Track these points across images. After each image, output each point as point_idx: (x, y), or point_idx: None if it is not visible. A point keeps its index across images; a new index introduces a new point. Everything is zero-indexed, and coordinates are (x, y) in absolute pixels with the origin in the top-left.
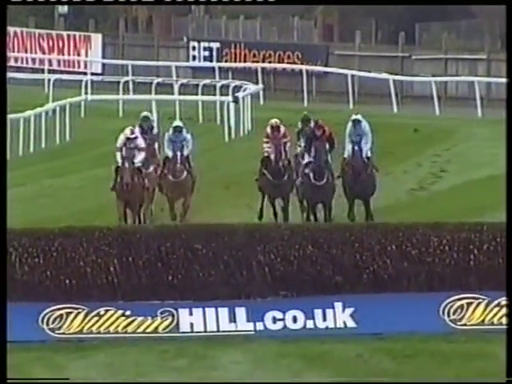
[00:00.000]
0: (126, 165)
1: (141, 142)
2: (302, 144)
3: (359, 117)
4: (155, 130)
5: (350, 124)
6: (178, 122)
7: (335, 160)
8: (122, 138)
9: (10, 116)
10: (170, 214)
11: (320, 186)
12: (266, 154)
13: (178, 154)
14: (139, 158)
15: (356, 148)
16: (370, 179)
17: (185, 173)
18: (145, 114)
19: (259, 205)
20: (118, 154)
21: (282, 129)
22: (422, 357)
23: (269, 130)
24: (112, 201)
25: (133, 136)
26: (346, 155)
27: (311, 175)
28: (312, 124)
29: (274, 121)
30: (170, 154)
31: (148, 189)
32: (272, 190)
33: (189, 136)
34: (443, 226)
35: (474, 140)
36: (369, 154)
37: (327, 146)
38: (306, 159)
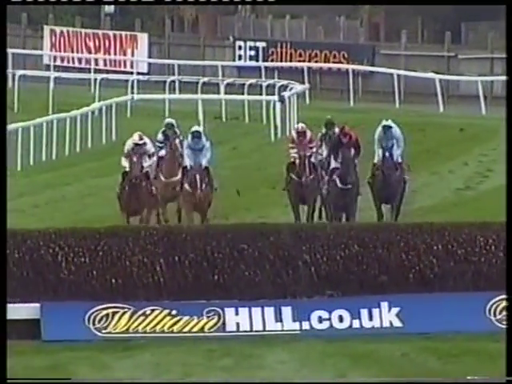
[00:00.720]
0: (134, 170)
1: (150, 148)
2: (325, 151)
3: (390, 123)
4: (179, 135)
5: (379, 129)
6: (196, 127)
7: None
8: (129, 144)
9: (56, 116)
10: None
11: (346, 190)
12: (291, 160)
13: (197, 164)
14: (148, 163)
15: (387, 154)
16: (400, 185)
17: (203, 185)
18: (169, 120)
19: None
20: (124, 160)
21: (309, 134)
22: (468, 356)
23: (294, 134)
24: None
25: (141, 142)
26: (376, 160)
27: (338, 181)
28: (337, 130)
29: (300, 125)
30: (188, 163)
31: (155, 196)
32: (298, 196)
33: (208, 144)
34: (489, 225)
35: None
36: (399, 160)
37: (353, 151)
38: (333, 165)
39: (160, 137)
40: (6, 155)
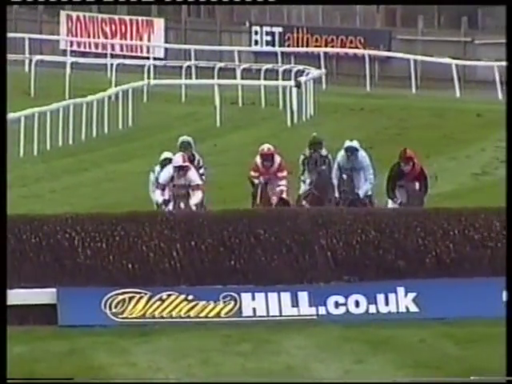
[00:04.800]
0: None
1: (195, 177)
2: (308, 179)
3: (355, 144)
4: (198, 159)
5: (341, 153)
6: (167, 154)
7: None
8: (168, 171)
9: (72, 101)
10: None
11: None
12: (253, 191)
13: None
14: (196, 198)
15: (344, 186)
16: None
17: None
18: (184, 138)
19: None
20: (159, 193)
21: (278, 159)
22: (486, 342)
23: (258, 159)
24: None
25: (185, 164)
26: (336, 194)
27: None
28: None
29: (265, 147)
30: (156, 198)
31: None
32: None
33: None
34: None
35: None
36: (365, 196)
37: (417, 186)
38: (390, 204)
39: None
40: (6, 145)
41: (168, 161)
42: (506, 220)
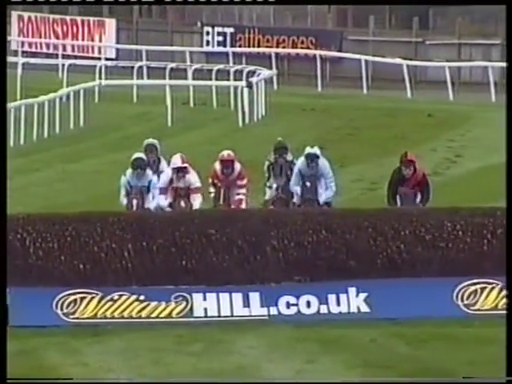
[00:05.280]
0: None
1: (195, 179)
2: (274, 184)
3: (316, 150)
4: (163, 164)
5: (301, 159)
6: (139, 154)
7: None
8: (167, 174)
9: (24, 101)
10: None
11: None
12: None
13: (135, 203)
14: (197, 202)
15: (305, 193)
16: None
17: None
18: (149, 141)
19: None
20: (162, 198)
21: (238, 167)
22: (437, 341)
23: (218, 166)
24: None
25: (183, 165)
26: (295, 199)
27: None
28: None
29: (225, 153)
30: (124, 201)
31: None
32: None
33: (155, 179)
34: (457, 211)
35: (489, 125)
36: (329, 200)
37: (419, 195)
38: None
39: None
40: (6, 144)
41: (140, 161)
42: (506, 220)
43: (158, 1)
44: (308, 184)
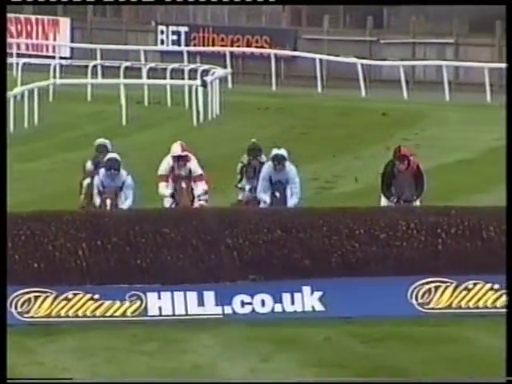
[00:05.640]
0: (182, 201)
1: (196, 167)
2: (247, 185)
3: (283, 152)
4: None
5: (268, 163)
6: (112, 154)
7: None
8: (167, 162)
9: None
10: None
11: None
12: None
13: (108, 203)
14: (200, 189)
15: (277, 194)
16: None
17: None
18: (100, 141)
19: None
20: (163, 185)
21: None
22: (391, 340)
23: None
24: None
25: (184, 154)
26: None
27: None
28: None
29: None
30: (97, 201)
31: None
32: None
33: (129, 180)
34: (411, 210)
35: (444, 124)
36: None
37: (414, 187)
38: (384, 203)
39: (90, 166)
40: (6, 143)
41: (114, 161)
42: (506, 220)
43: (158, 1)
44: (278, 194)
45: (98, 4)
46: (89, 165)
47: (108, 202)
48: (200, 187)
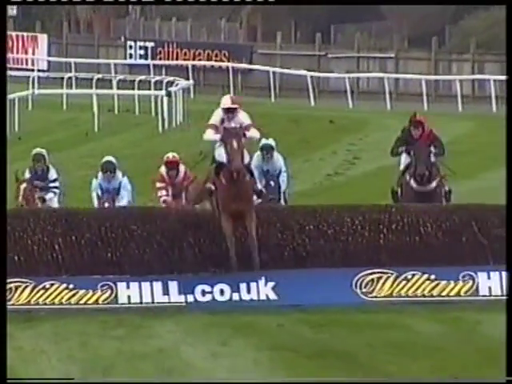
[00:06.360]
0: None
1: (246, 118)
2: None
3: (271, 142)
4: (52, 174)
5: (257, 153)
6: (108, 157)
7: None
8: (218, 113)
9: None
10: None
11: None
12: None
13: (106, 206)
14: (254, 134)
15: (272, 183)
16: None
17: None
18: (37, 150)
19: None
20: (211, 132)
21: (182, 168)
22: (338, 326)
23: (163, 169)
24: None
25: (234, 106)
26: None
27: (413, 183)
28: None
29: (170, 155)
30: (95, 204)
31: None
32: None
33: (125, 180)
34: (356, 207)
35: (385, 130)
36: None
37: (433, 149)
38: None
39: (27, 174)
40: (6, 143)
41: (109, 164)
42: (506, 219)
43: (158, 1)
44: (272, 183)
45: (98, 4)
46: (26, 173)
47: (106, 205)
48: (254, 134)
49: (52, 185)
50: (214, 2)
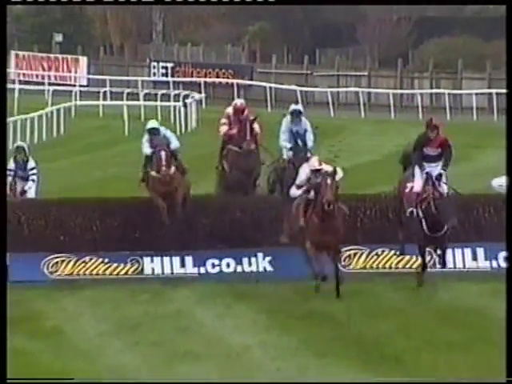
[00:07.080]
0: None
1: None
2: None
3: (300, 107)
4: (31, 164)
5: (287, 117)
6: (153, 123)
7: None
8: (305, 172)
9: (19, 117)
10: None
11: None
12: (221, 133)
13: (162, 151)
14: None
15: (300, 142)
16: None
17: (172, 168)
18: (19, 143)
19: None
20: (295, 190)
21: (246, 112)
22: (322, 293)
23: (230, 110)
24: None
25: (320, 168)
26: (285, 155)
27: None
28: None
29: (238, 101)
30: (148, 151)
31: None
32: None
33: (168, 132)
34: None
35: (359, 134)
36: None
37: (442, 159)
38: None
39: (12, 164)
40: (6, 144)
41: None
42: (506, 217)
43: (158, 1)
44: (300, 142)
45: (98, 4)
46: (11, 163)
47: (162, 153)
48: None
49: (31, 172)
50: (214, 2)
